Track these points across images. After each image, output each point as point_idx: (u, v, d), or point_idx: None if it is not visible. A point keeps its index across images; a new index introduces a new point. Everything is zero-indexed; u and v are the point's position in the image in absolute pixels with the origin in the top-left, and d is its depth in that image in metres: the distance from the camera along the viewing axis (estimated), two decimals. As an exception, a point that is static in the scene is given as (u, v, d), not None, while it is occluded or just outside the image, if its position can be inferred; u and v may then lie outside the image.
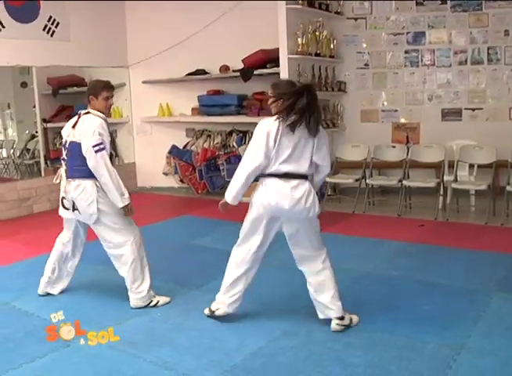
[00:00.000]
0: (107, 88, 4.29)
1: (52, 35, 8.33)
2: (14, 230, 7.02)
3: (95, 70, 9.50)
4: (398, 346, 3.54)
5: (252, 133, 8.33)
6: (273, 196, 3.68)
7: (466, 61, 7.95)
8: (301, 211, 3.69)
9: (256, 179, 3.82)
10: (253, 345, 3.63)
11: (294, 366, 3.36)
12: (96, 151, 4.04)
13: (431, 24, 8.05)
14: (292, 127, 3.61)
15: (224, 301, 3.98)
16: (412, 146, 7.61)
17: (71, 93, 9.63)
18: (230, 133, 8.78)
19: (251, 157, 3.71)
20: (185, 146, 9.12)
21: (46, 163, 9.02)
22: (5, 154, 10.05)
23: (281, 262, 5.19)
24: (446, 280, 4.69)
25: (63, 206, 4.39)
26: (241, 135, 8.59)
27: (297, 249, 3.86)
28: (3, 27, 7.64)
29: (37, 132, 9.16)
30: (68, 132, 4.31)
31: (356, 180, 7.40)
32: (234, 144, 8.59)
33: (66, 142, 4.31)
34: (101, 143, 4.07)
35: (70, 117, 10.03)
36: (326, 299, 3.81)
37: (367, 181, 7.35)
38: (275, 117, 3.68)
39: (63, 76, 9.28)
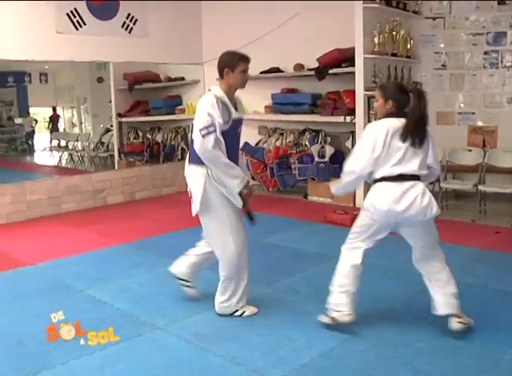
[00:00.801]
0: (245, 59, 3.92)
1: (130, 32, 8.52)
2: (89, 220, 7.22)
3: (171, 67, 9.68)
4: (473, 356, 3.44)
5: (325, 132, 8.37)
6: (386, 200, 3.54)
7: (548, 63, 7.68)
8: (417, 213, 3.55)
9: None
10: (322, 345, 3.60)
11: (363, 369, 3.31)
12: (204, 135, 3.67)
13: (513, 24, 7.81)
14: (405, 130, 3.54)
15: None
16: (489, 150, 7.39)
17: (146, 89, 9.84)
18: (303, 132, 8.75)
19: (356, 163, 3.62)
20: (257, 144, 9.15)
21: (120, 156, 9.24)
22: (80, 147, 10.34)
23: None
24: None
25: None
26: (314, 134, 8.55)
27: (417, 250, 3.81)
28: (84, 23, 7.86)
29: (112, 126, 9.39)
30: None
31: (430, 183, 7.25)
32: (307, 143, 8.55)
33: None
34: (210, 126, 3.67)
35: (144, 113, 10.36)
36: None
37: (441, 184, 7.19)
38: (384, 120, 3.61)
39: (138, 72, 9.48)
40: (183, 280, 4.25)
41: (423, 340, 3.66)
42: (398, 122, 3.56)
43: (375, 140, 3.54)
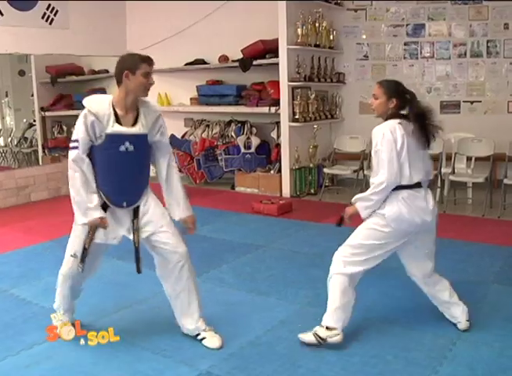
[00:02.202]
0: (148, 60, 3.36)
1: (50, 23, 8.31)
2: (12, 218, 7.02)
3: (95, 59, 9.49)
4: (395, 336, 3.57)
5: (250, 124, 8.41)
6: (415, 211, 3.40)
7: (465, 54, 7.95)
8: (432, 221, 3.54)
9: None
10: (250, 334, 3.65)
11: (291, 355, 3.38)
12: (70, 148, 3.29)
13: (431, 16, 8.05)
14: (423, 133, 3.43)
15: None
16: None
17: (70, 82, 9.61)
18: (229, 123, 8.78)
19: (385, 176, 3.31)
20: (183, 136, 9.12)
21: (44, 152, 9.02)
22: (2, 143, 10.03)
23: (279, 250, 5.23)
24: (443, 272, 4.66)
25: None
26: (240, 125, 8.58)
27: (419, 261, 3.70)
28: (1, 14, 7.63)
29: (35, 121, 9.14)
30: None
31: (354, 171, 7.43)
32: (232, 134, 8.58)
33: None
34: (75, 141, 3.26)
35: (68, 107, 10.11)
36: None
37: (365, 172, 7.36)
38: (392, 122, 3.41)
39: (61, 64, 9.26)
40: None
41: (348, 324, 3.74)
42: (406, 124, 3.40)
43: (395, 147, 3.32)
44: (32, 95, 9.02)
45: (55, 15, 8.33)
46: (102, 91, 9.77)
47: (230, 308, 4.07)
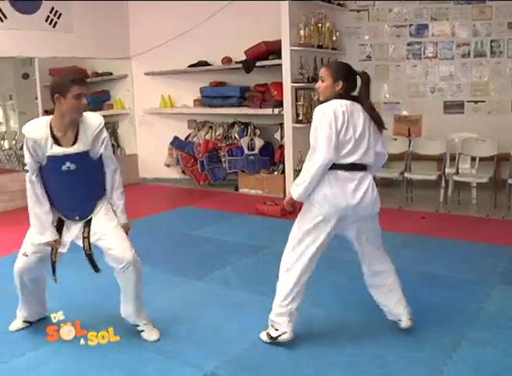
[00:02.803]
0: (78, 82, 3.33)
1: (54, 26, 8.32)
2: (17, 221, 7.00)
3: (98, 62, 9.53)
4: (400, 336, 3.56)
5: (254, 125, 8.40)
6: (341, 191, 3.31)
7: (469, 54, 7.93)
8: (365, 207, 3.41)
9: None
10: (254, 335, 3.64)
11: (295, 356, 3.39)
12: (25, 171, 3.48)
13: (434, 16, 8.03)
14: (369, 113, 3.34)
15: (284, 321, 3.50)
16: (413, 138, 7.60)
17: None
18: (232, 125, 8.77)
19: (322, 152, 3.26)
20: (187, 138, 9.12)
21: (48, 154, 9.03)
22: (7, 146, 10.06)
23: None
24: (448, 272, 4.71)
25: None
26: (243, 126, 8.58)
27: (362, 247, 3.63)
28: (5, 17, 7.64)
29: (39, 123, 9.17)
30: None
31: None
32: (236, 136, 8.58)
33: None
34: (25, 164, 3.44)
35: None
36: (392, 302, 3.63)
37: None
38: (336, 101, 3.31)
39: (65, 67, 9.28)
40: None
41: (352, 325, 3.76)
42: (350, 104, 3.31)
43: (334, 124, 3.24)
44: (36, 99, 9.05)
45: (58, 18, 8.35)
46: (106, 93, 9.82)
47: (234, 309, 4.07)
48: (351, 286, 4.24)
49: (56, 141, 3.37)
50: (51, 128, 3.38)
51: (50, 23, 8.27)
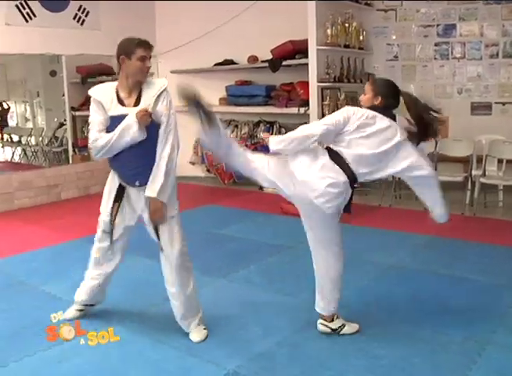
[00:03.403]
0: (143, 44, 3.44)
1: (82, 24, 8.40)
2: (43, 216, 7.12)
3: (124, 59, 9.57)
4: (424, 339, 3.53)
5: (280, 124, 8.38)
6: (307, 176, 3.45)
7: (497, 54, 7.83)
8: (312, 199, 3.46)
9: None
10: (277, 334, 3.65)
11: (318, 356, 3.37)
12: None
13: (462, 16, 7.94)
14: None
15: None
16: (440, 139, 7.53)
17: (99, 82, 9.67)
18: (257, 124, 8.78)
19: (323, 129, 3.37)
20: (212, 136, 9.13)
21: (74, 151, 9.11)
22: (33, 142, 10.17)
23: (307, 252, 5.23)
24: (473, 275, 4.66)
25: None
26: (268, 125, 8.58)
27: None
28: (34, 15, 7.73)
29: (65, 120, 9.25)
30: None
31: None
32: (261, 135, 8.58)
33: None
34: (89, 123, 3.50)
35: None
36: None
37: (394, 174, 7.30)
38: (366, 109, 3.45)
39: (91, 64, 9.35)
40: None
41: (375, 326, 3.73)
42: (379, 117, 3.42)
43: (350, 121, 3.37)
44: (63, 95, 9.13)
45: (86, 16, 8.42)
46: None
47: (258, 308, 4.07)
48: (373, 286, 4.22)
49: (121, 102, 3.42)
50: (117, 90, 3.44)
51: (78, 21, 8.35)
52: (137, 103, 3.42)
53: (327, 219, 3.49)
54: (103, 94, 3.45)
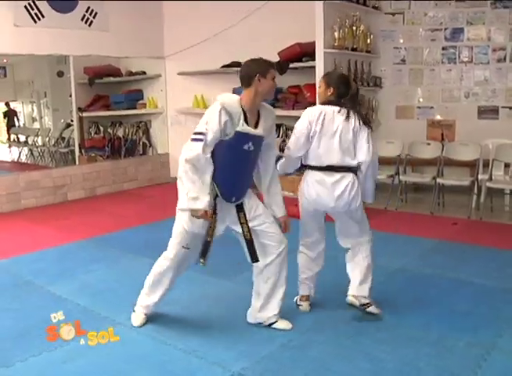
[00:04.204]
0: (274, 66, 3.65)
1: (90, 25, 8.43)
2: (49, 216, 7.15)
3: (132, 61, 9.61)
4: (429, 343, 3.52)
5: (286, 127, 8.39)
6: (317, 193, 3.80)
7: (504, 58, 7.80)
8: (343, 205, 3.79)
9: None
10: (282, 337, 3.65)
11: (323, 359, 3.36)
12: (192, 139, 3.48)
13: (470, 21, 7.93)
14: (346, 114, 3.73)
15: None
16: (447, 143, 7.53)
17: (107, 83, 9.75)
18: (264, 126, 8.76)
19: (292, 147, 3.85)
20: (218, 138, 9.13)
21: (81, 151, 9.15)
22: (40, 142, 10.20)
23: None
24: (479, 279, 4.65)
25: None
26: (275, 128, 8.56)
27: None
28: (43, 16, 7.76)
29: (72, 121, 9.28)
30: None
31: (389, 176, 7.35)
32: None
33: None
34: (201, 133, 3.44)
35: (105, 107, 10.26)
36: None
37: (400, 177, 7.30)
38: (321, 106, 3.81)
39: (99, 66, 9.39)
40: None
41: (381, 330, 3.73)
42: (334, 109, 3.75)
43: (307, 124, 3.75)
44: (70, 96, 9.17)
45: (94, 17, 8.45)
46: (139, 92, 9.90)
47: (263, 310, 4.06)
48: (379, 290, 4.21)
49: (245, 119, 3.48)
50: (242, 106, 3.50)
51: (86, 22, 8.38)
52: (256, 125, 3.54)
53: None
54: (233, 106, 3.48)
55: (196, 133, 3.45)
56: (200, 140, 3.41)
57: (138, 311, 3.88)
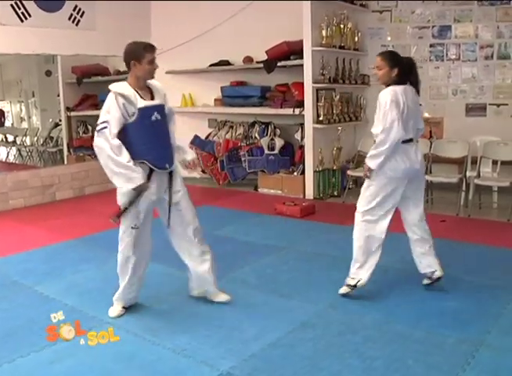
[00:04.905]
0: (150, 49, 3.83)
1: (77, 24, 8.39)
2: (38, 216, 7.11)
3: (120, 60, 9.51)
4: (418, 340, 3.53)
5: (274, 125, 8.40)
6: (407, 161, 4.08)
7: (492, 56, 7.84)
8: (420, 169, 4.23)
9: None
10: (271, 335, 3.64)
11: (312, 357, 3.36)
12: (98, 130, 3.69)
13: (457, 18, 7.96)
14: (416, 92, 4.09)
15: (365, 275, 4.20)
16: (435, 140, 7.55)
17: (95, 82, 9.70)
18: (252, 125, 8.77)
19: (393, 131, 3.92)
20: (207, 137, 9.14)
21: (69, 151, 9.11)
22: (28, 142, 10.15)
23: (302, 252, 5.23)
24: (468, 276, 4.66)
25: None
26: (263, 126, 8.57)
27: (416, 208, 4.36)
28: (29, 15, 7.71)
29: (60, 121, 9.24)
30: None
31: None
32: (256, 135, 8.57)
33: None
34: (104, 122, 3.66)
35: (93, 107, 10.21)
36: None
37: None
38: (395, 87, 3.98)
39: (87, 65, 9.34)
40: None
41: (370, 327, 3.73)
42: (407, 89, 4.03)
43: (397, 106, 3.91)
44: (58, 96, 9.14)
45: (81, 16, 8.41)
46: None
47: (252, 309, 4.06)
48: (369, 287, 4.22)
49: (141, 97, 3.77)
50: (133, 88, 3.79)
51: (73, 22, 8.34)
52: (152, 98, 3.86)
53: None
54: (125, 90, 3.75)
55: (100, 123, 3.68)
56: (105, 127, 3.66)
57: (114, 303, 4.06)
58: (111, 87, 3.77)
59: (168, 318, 3.94)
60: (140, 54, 3.76)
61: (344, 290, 4.21)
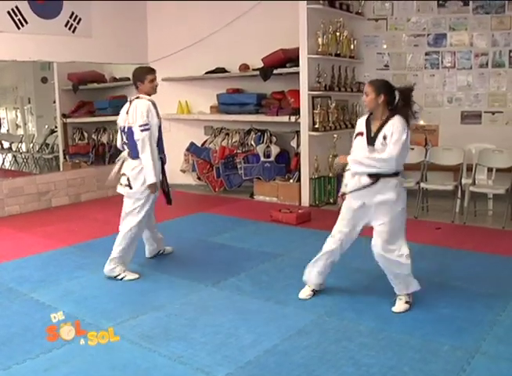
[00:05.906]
0: (150, 72, 4.95)
1: (73, 31, 8.39)
2: (33, 223, 7.09)
3: (116, 67, 9.58)
4: (414, 347, 3.54)
5: (270, 133, 8.42)
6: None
7: (487, 64, 7.89)
8: None
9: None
10: (267, 342, 3.65)
11: (307, 364, 3.36)
12: (142, 130, 4.68)
13: (453, 26, 8.00)
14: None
15: None
16: (430, 148, 7.56)
17: (91, 89, 9.71)
18: (248, 132, 8.78)
19: (399, 162, 4.02)
20: (203, 144, 9.15)
21: (65, 158, 9.10)
22: (24, 148, 10.13)
23: (297, 260, 5.23)
24: (463, 284, 4.67)
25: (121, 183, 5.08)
26: (259, 134, 8.58)
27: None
28: (26, 22, 7.72)
29: (56, 127, 9.24)
30: (124, 118, 4.88)
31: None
32: (252, 143, 8.59)
33: (124, 127, 4.89)
34: (146, 124, 4.71)
35: (89, 113, 10.21)
36: None
37: (384, 182, 7.31)
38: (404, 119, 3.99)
39: (83, 72, 9.35)
40: None
41: (365, 335, 3.74)
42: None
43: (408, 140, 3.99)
44: (54, 102, 9.13)
45: (78, 23, 8.42)
46: (124, 98, 9.85)
47: (247, 316, 4.06)
48: (364, 294, 4.23)
49: None
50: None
51: (70, 29, 8.34)
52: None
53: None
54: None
55: (141, 125, 4.70)
56: (147, 129, 4.72)
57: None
58: (143, 97, 4.86)
59: (164, 325, 3.93)
60: (143, 76, 4.86)
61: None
